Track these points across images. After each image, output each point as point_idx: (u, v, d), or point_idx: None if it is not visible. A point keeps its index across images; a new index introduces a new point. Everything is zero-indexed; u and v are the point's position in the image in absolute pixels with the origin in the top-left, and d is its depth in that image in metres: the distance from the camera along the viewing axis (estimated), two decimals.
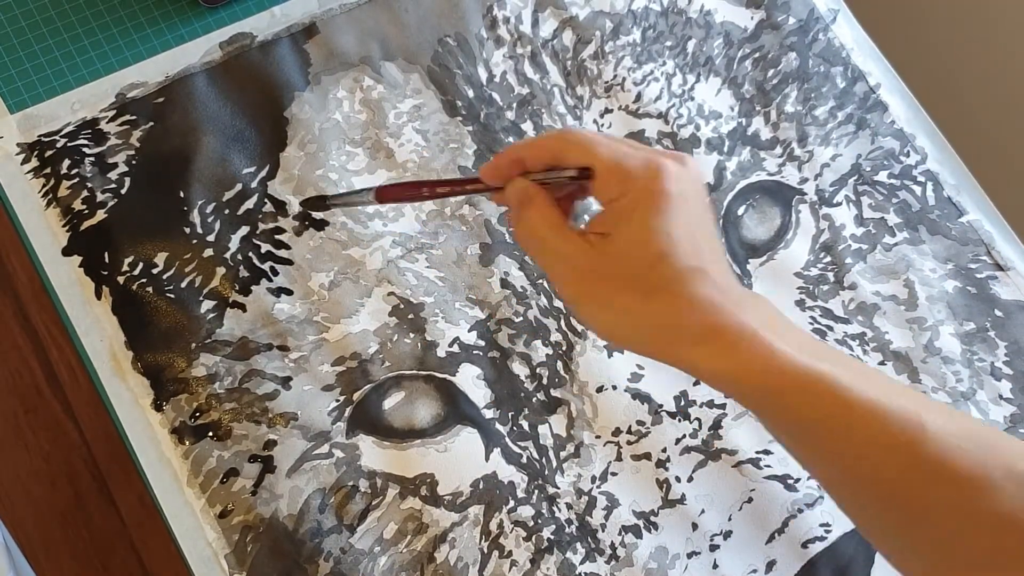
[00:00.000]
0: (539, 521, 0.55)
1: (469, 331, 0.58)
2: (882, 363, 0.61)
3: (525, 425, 0.57)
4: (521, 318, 0.59)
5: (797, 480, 0.58)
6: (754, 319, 0.41)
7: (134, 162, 0.58)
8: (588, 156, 0.43)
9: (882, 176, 0.66)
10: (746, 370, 0.41)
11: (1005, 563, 0.40)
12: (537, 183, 0.45)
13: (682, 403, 0.58)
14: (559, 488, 0.56)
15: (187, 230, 0.58)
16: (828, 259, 0.63)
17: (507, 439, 0.57)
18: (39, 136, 0.58)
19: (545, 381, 0.58)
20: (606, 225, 0.42)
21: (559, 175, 0.44)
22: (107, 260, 0.57)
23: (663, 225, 0.41)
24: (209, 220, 0.58)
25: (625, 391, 0.58)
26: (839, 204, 0.65)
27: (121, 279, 0.56)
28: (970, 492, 0.40)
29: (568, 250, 0.43)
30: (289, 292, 0.57)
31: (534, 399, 0.57)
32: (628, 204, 0.42)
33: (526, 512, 0.56)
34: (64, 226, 0.57)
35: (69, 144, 0.58)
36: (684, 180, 0.42)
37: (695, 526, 0.57)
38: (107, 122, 0.59)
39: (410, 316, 0.58)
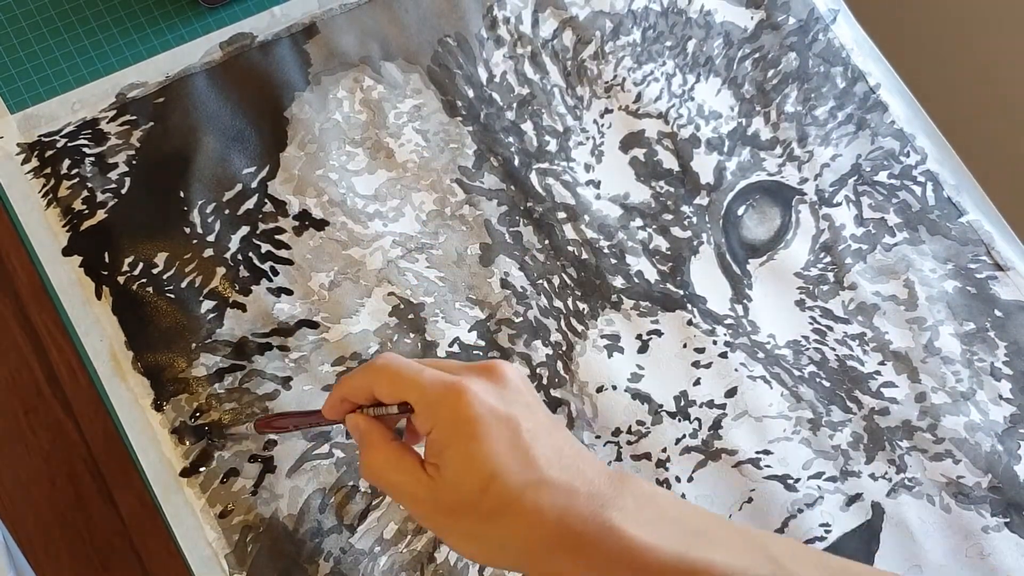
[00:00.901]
0: None
1: (469, 331, 0.58)
2: (882, 363, 0.61)
3: None
4: (521, 318, 0.59)
5: (797, 480, 0.58)
6: (616, 513, 0.40)
7: (134, 162, 0.58)
8: (398, 391, 0.42)
9: (882, 176, 0.66)
10: (614, 571, 0.40)
11: None
12: (370, 417, 0.45)
13: (682, 403, 0.58)
14: None
15: (187, 230, 0.58)
16: (828, 259, 0.63)
17: None
18: (39, 136, 0.58)
19: (545, 381, 0.58)
20: (434, 456, 0.42)
21: (384, 411, 0.44)
22: (107, 260, 0.57)
23: (480, 450, 0.40)
24: (209, 220, 0.58)
25: (625, 391, 0.58)
26: (839, 204, 0.65)
27: (121, 279, 0.57)
28: None
29: (410, 487, 0.42)
30: (289, 292, 0.57)
31: None
32: (441, 436, 0.41)
33: None
34: (64, 226, 0.57)
35: (69, 144, 0.58)
36: (493, 395, 0.41)
37: None
38: (107, 122, 0.59)
39: (410, 316, 0.58)
